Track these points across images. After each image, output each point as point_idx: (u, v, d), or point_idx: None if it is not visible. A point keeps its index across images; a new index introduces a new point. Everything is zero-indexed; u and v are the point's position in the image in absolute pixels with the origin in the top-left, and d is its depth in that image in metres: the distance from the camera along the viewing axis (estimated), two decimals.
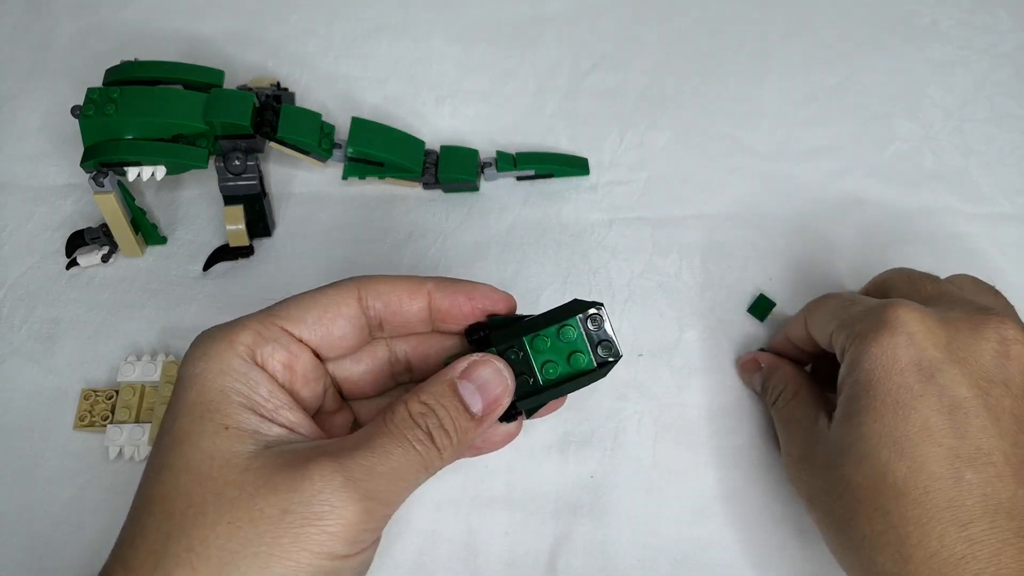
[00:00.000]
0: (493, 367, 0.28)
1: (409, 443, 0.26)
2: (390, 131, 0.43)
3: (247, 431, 0.26)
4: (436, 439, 0.26)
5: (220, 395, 0.26)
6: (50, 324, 0.41)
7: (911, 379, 0.29)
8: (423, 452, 0.26)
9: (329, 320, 0.29)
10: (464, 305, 0.30)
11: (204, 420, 0.26)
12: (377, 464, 0.25)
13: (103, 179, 0.38)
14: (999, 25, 0.50)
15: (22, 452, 0.38)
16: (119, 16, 0.50)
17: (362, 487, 0.25)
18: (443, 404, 0.27)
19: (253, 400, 0.27)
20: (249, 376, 0.27)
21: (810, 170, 0.45)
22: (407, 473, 0.26)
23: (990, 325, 0.30)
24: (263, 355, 0.28)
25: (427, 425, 0.26)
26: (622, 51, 0.49)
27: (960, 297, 0.33)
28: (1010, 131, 0.46)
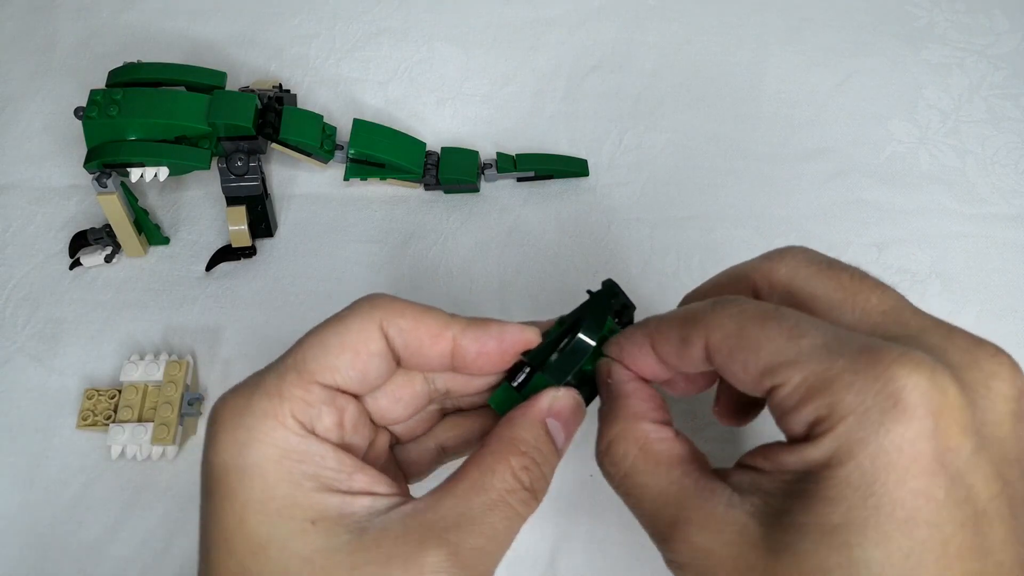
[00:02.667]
0: (575, 401, 0.27)
1: (513, 509, 0.24)
2: (391, 133, 0.43)
3: (334, 518, 0.23)
4: (539, 491, 0.25)
5: (291, 485, 0.23)
6: (53, 324, 0.41)
7: (933, 484, 0.20)
8: (525, 513, 0.25)
9: (363, 363, 0.26)
10: (493, 350, 0.27)
11: (284, 518, 0.23)
12: (487, 544, 0.24)
13: (106, 180, 0.38)
14: (995, 27, 0.50)
15: (25, 451, 0.38)
16: (122, 18, 0.50)
17: (475, 572, 0.24)
18: (541, 450, 0.26)
19: (325, 478, 0.24)
20: (311, 453, 0.24)
21: (807, 171, 0.45)
22: (511, 538, 0.25)
23: (999, 373, 0.22)
24: (312, 421, 0.24)
25: (531, 481, 0.25)
26: (621, 53, 0.49)
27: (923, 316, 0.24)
28: (1006, 132, 0.47)
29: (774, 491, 0.22)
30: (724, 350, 0.24)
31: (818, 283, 0.25)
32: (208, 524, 0.24)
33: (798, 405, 0.22)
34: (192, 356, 0.40)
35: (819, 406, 0.21)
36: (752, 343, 0.23)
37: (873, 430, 0.20)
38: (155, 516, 0.37)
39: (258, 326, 0.41)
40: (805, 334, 0.22)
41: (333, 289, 0.42)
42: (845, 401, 0.21)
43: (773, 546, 0.21)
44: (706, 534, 0.23)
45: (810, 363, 0.21)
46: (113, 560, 0.36)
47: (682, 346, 0.25)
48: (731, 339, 0.23)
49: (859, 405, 0.21)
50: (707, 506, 0.23)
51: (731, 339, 0.23)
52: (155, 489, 0.37)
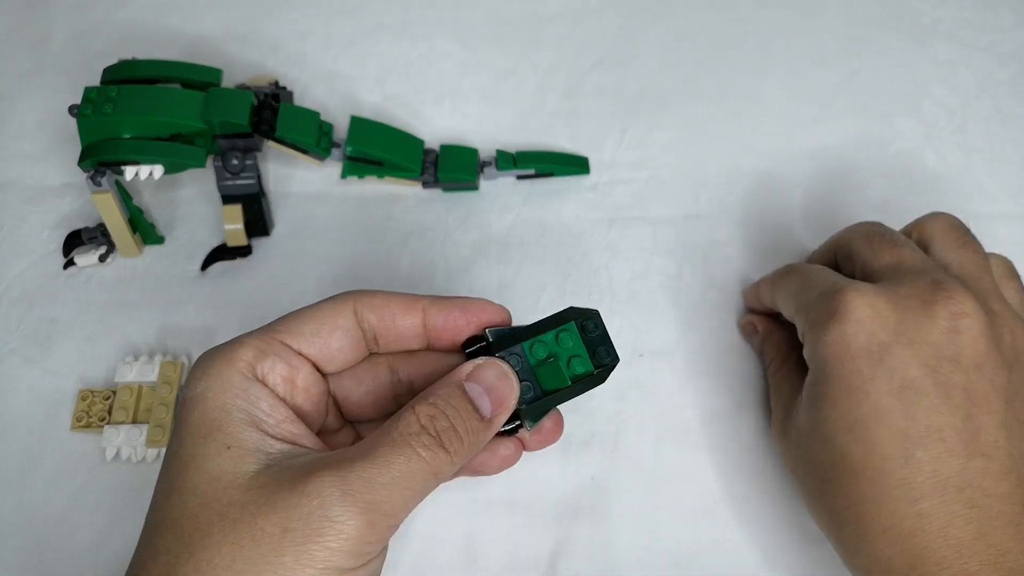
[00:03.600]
0: (499, 368, 0.28)
1: (413, 450, 0.26)
2: (389, 130, 0.43)
3: (249, 449, 0.26)
4: (446, 441, 0.26)
5: (222, 413, 0.26)
6: (47, 324, 0.41)
7: (862, 364, 0.30)
8: (429, 458, 0.26)
9: (327, 332, 0.29)
10: (459, 320, 0.30)
11: (207, 441, 0.26)
12: (378, 475, 0.25)
13: (101, 178, 0.38)
14: (1002, 23, 0.50)
15: (19, 453, 0.38)
16: (117, 15, 0.50)
17: (362, 499, 0.24)
18: (453, 405, 0.27)
19: (254, 416, 0.27)
20: (249, 392, 0.27)
21: (812, 169, 0.45)
22: (412, 481, 0.26)
23: (939, 301, 0.30)
24: (263, 370, 0.28)
25: (436, 428, 0.26)
26: (623, 50, 0.49)
27: (918, 265, 0.32)
28: (1013, 130, 0.46)
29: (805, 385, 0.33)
30: (779, 301, 0.36)
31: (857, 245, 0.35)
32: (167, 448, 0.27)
33: (799, 326, 0.33)
34: (187, 357, 0.40)
35: (803, 322, 0.33)
36: (782, 291, 0.35)
37: (822, 332, 0.31)
38: None
39: (254, 326, 0.40)
40: (811, 285, 0.33)
41: (330, 289, 0.41)
42: (810, 317, 0.32)
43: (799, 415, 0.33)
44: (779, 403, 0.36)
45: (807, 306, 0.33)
46: (108, 562, 0.36)
47: (764, 296, 0.38)
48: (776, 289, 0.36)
49: (819, 319, 0.31)
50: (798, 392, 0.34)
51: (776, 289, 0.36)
52: (150, 491, 0.36)
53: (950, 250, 0.34)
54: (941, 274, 0.31)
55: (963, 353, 0.29)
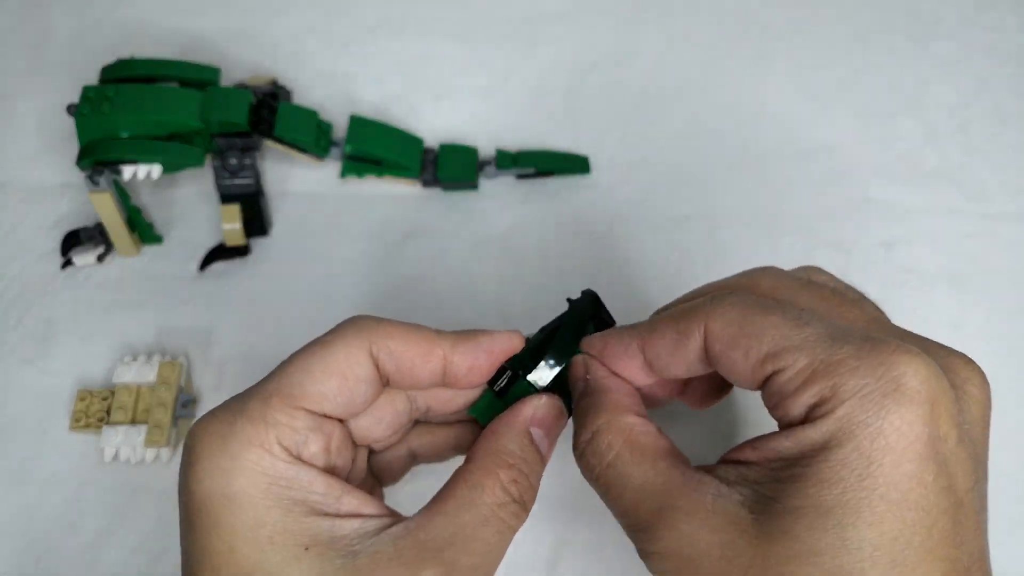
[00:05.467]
0: (557, 408, 0.27)
1: (505, 523, 0.25)
2: (388, 129, 0.43)
3: (326, 542, 0.23)
4: (528, 501, 0.26)
5: (282, 512, 0.23)
6: (45, 324, 0.40)
7: (925, 469, 0.21)
8: (517, 524, 0.25)
9: (350, 390, 0.26)
10: (483, 363, 0.27)
11: (276, 545, 0.23)
12: (481, 561, 0.24)
13: (99, 178, 0.38)
14: (1003, 23, 0.50)
15: (17, 453, 0.38)
16: (115, 14, 0.50)
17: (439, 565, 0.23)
18: (527, 460, 0.26)
19: (314, 504, 0.24)
20: (300, 479, 0.24)
21: (813, 169, 0.45)
22: (504, 550, 0.25)
23: (975, 380, 0.24)
24: (300, 449, 0.24)
25: (520, 493, 0.25)
26: (623, 49, 0.49)
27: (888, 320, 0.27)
28: (1014, 129, 0.46)
29: (763, 480, 0.23)
30: (725, 338, 0.24)
31: (802, 296, 0.27)
32: (194, 553, 0.24)
33: (800, 388, 0.22)
34: (186, 357, 0.39)
35: (822, 388, 0.22)
36: (756, 330, 0.23)
37: (875, 412, 0.21)
38: (149, 519, 0.36)
39: (253, 326, 0.40)
40: (809, 323, 0.23)
41: (329, 289, 0.41)
42: (848, 384, 0.21)
43: (764, 531, 0.22)
44: (694, 522, 0.23)
45: (815, 348, 0.22)
46: (107, 563, 0.35)
47: (678, 340, 0.25)
48: (733, 326, 0.24)
49: (862, 388, 0.21)
50: (695, 495, 0.23)
51: (733, 326, 0.24)
52: (149, 492, 0.37)
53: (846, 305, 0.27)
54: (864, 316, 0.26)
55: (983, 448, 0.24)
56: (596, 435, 0.26)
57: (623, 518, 0.25)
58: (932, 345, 0.25)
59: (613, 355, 0.27)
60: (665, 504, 0.23)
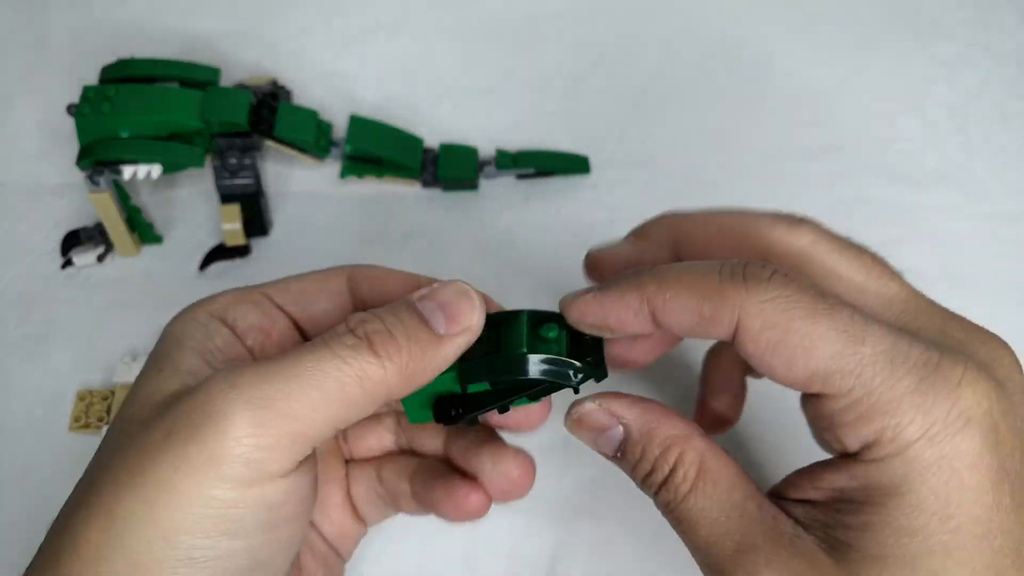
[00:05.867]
0: (457, 287, 0.24)
1: (330, 348, 0.22)
2: (388, 129, 0.43)
3: (179, 371, 0.23)
4: (377, 344, 0.22)
5: (173, 343, 0.24)
6: (45, 324, 0.40)
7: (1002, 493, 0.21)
8: (350, 357, 0.22)
9: (313, 292, 0.27)
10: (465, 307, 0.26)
11: (150, 367, 0.24)
12: (280, 370, 0.21)
13: (99, 178, 0.38)
14: (1004, 23, 0.50)
15: (17, 454, 0.38)
16: (115, 14, 0.50)
17: (250, 392, 0.21)
18: (393, 313, 0.23)
19: (204, 347, 0.24)
20: (209, 327, 0.25)
21: (813, 169, 0.45)
22: (324, 382, 0.21)
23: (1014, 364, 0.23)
24: (234, 314, 0.26)
25: (365, 331, 0.22)
26: (623, 49, 0.49)
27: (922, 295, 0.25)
28: (1015, 129, 0.46)
29: (833, 523, 0.21)
30: (764, 342, 0.21)
31: (840, 261, 0.24)
32: None
33: (857, 422, 0.21)
34: None
35: (884, 427, 0.20)
36: (803, 340, 0.21)
37: (946, 452, 0.20)
38: None
39: None
40: (866, 339, 0.21)
41: None
42: (915, 423, 0.20)
43: None
44: (776, 565, 0.21)
45: (874, 377, 0.20)
46: None
47: (701, 322, 0.22)
48: (775, 331, 0.21)
49: (930, 428, 0.20)
50: (772, 535, 0.22)
51: (775, 331, 0.21)
52: None
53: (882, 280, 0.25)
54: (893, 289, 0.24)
55: None
56: (674, 470, 0.23)
57: (697, 554, 0.23)
58: (971, 328, 0.24)
59: (617, 318, 0.24)
60: (743, 543, 0.22)
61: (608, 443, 0.25)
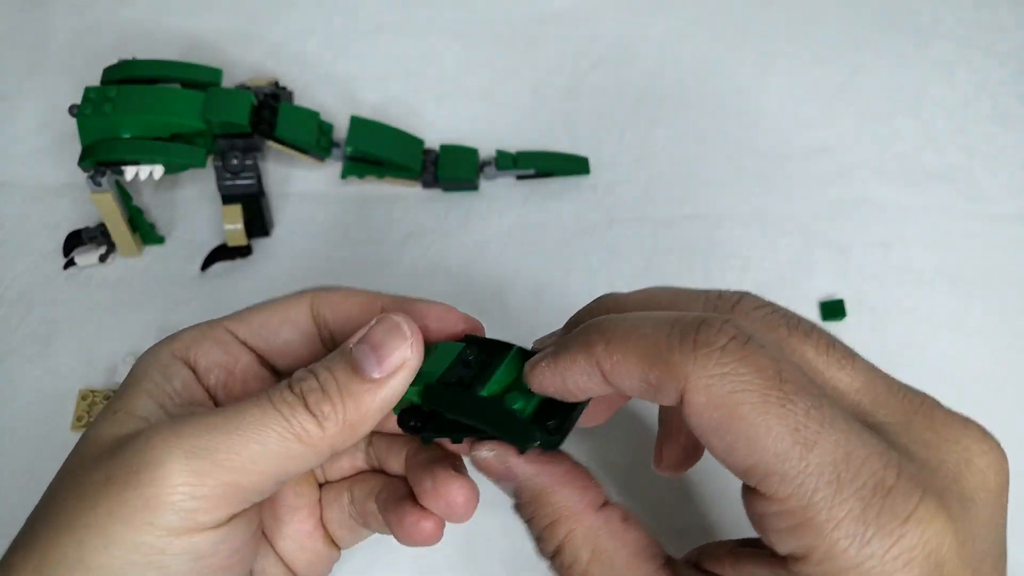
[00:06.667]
0: (387, 323, 0.24)
1: (271, 404, 0.22)
2: (389, 130, 0.43)
3: (132, 416, 0.23)
4: (311, 402, 0.22)
5: (131, 384, 0.25)
6: (47, 324, 0.41)
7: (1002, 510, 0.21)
8: (288, 414, 0.22)
9: (276, 324, 0.27)
10: None
11: (106, 410, 0.24)
12: (219, 422, 0.22)
13: (100, 178, 0.38)
14: (1001, 23, 0.50)
15: (20, 453, 0.38)
16: (117, 15, 0.50)
17: (190, 442, 0.21)
18: (326, 366, 0.23)
19: (161, 390, 0.25)
20: (169, 369, 0.25)
21: (812, 169, 0.45)
22: (265, 438, 0.22)
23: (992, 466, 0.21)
24: (196, 353, 0.26)
25: (301, 388, 0.23)
26: (623, 50, 0.49)
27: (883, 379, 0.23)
28: (1013, 130, 0.46)
29: None
30: (707, 420, 0.19)
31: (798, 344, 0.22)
32: None
33: (788, 532, 0.19)
34: None
35: (816, 546, 0.19)
36: (748, 430, 0.19)
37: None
38: None
39: None
40: (816, 444, 0.19)
41: None
42: (849, 553, 0.18)
43: None
44: None
45: (816, 492, 0.19)
46: None
47: (648, 388, 0.21)
48: (720, 411, 0.19)
49: (864, 561, 0.18)
50: None
51: (720, 411, 0.19)
52: None
53: None
54: None
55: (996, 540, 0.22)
56: (559, 550, 0.22)
57: None
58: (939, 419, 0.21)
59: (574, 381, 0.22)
60: None
61: (506, 491, 0.25)
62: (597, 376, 0.22)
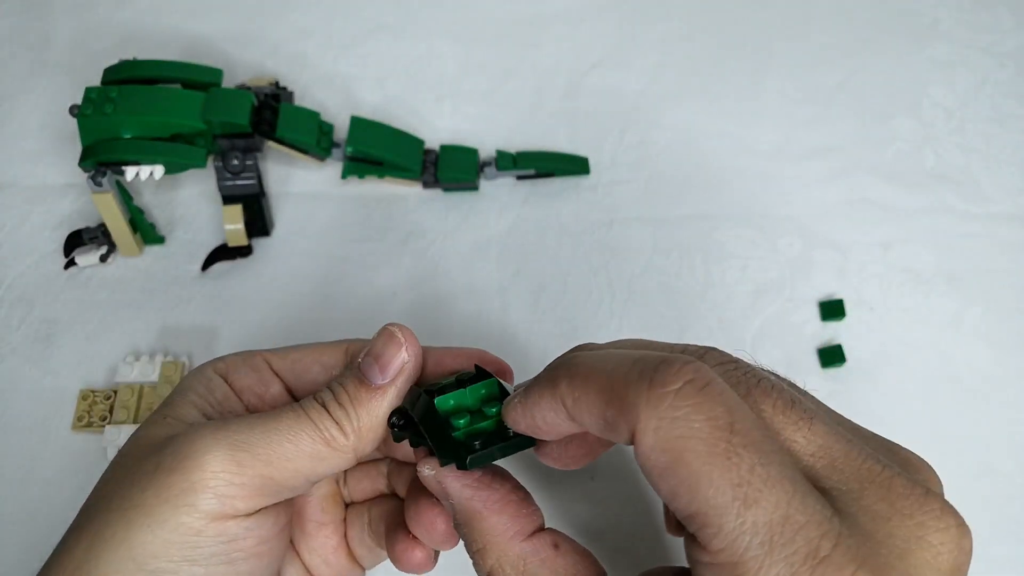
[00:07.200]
0: (385, 334, 0.27)
1: (303, 410, 0.26)
2: (389, 130, 0.43)
3: (180, 421, 0.26)
4: (332, 410, 0.26)
5: (178, 394, 0.28)
6: (48, 324, 0.41)
7: None
8: (317, 419, 0.26)
9: (308, 363, 0.29)
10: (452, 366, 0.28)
11: (155, 412, 0.27)
12: (259, 423, 0.25)
13: (101, 178, 0.38)
14: (1000, 24, 0.50)
15: (20, 453, 0.38)
16: (117, 15, 0.50)
17: (233, 437, 0.25)
18: (339, 380, 0.27)
19: (204, 400, 0.28)
20: (211, 382, 0.28)
21: (811, 170, 0.45)
22: (298, 438, 0.25)
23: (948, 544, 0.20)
24: (235, 375, 0.29)
25: (323, 399, 0.26)
26: (622, 50, 0.49)
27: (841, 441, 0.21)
28: (1011, 130, 0.46)
29: None
30: (653, 462, 0.19)
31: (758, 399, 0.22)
32: None
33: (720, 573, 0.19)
34: (188, 357, 0.40)
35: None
36: (690, 479, 0.19)
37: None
38: None
39: (254, 326, 0.41)
40: (757, 503, 0.19)
41: (330, 289, 0.42)
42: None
43: None
44: None
45: (746, 551, 0.18)
46: None
47: (605, 427, 0.21)
48: (666, 455, 0.19)
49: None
50: None
51: (666, 455, 0.19)
52: None
53: None
54: None
55: None
56: (491, 574, 0.23)
57: None
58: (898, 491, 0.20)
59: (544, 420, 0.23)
60: None
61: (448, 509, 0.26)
62: (562, 412, 0.22)
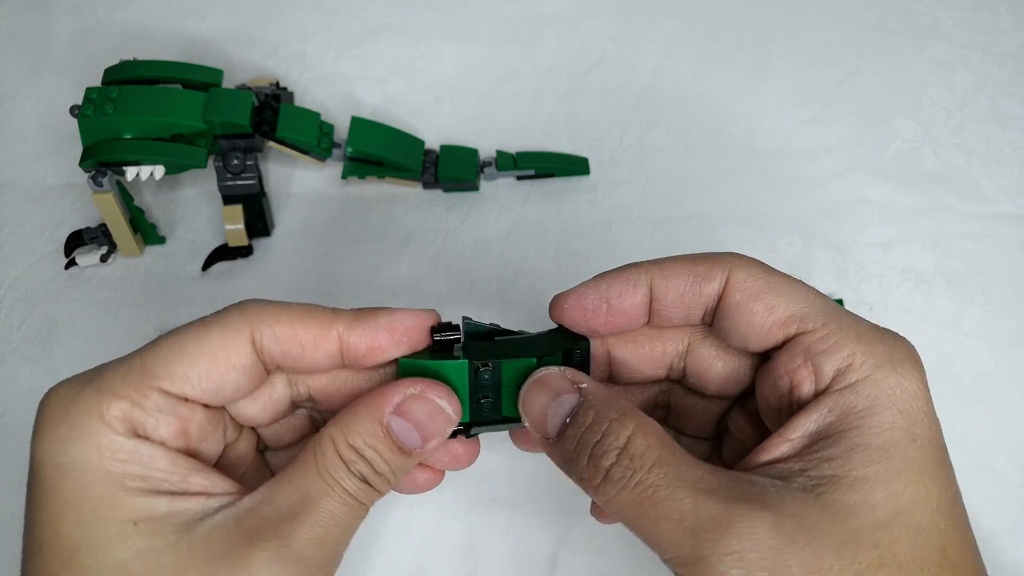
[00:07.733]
0: (432, 406, 0.25)
1: (350, 495, 0.24)
2: (389, 130, 0.43)
3: (159, 518, 0.22)
4: (372, 483, 0.24)
5: (111, 486, 0.22)
6: (49, 324, 0.41)
7: (933, 422, 0.24)
8: (363, 499, 0.24)
9: (219, 374, 0.24)
10: (384, 342, 0.25)
11: (102, 520, 0.22)
12: (325, 535, 0.23)
13: (102, 179, 0.38)
14: (1000, 24, 0.50)
15: (20, 453, 0.38)
16: (118, 16, 0.50)
17: (313, 565, 0.22)
18: (374, 448, 0.24)
19: (154, 480, 0.22)
20: (139, 453, 0.22)
21: (811, 170, 0.45)
22: (352, 525, 0.24)
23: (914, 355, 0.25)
24: (147, 428, 0.23)
25: (361, 473, 0.24)
26: (623, 50, 0.49)
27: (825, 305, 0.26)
28: (1011, 131, 0.46)
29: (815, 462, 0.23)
30: (750, 289, 0.25)
31: None
32: (26, 526, 0.23)
33: (832, 349, 0.24)
34: None
35: (855, 352, 0.23)
36: (783, 289, 0.25)
37: (903, 380, 0.23)
38: None
39: None
40: (822, 296, 0.25)
41: (331, 289, 0.42)
42: (877, 352, 0.23)
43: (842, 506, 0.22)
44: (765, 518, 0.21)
45: (842, 318, 0.24)
46: None
47: (695, 281, 0.25)
48: (760, 280, 0.25)
49: (890, 357, 0.23)
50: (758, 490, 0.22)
51: (760, 280, 0.25)
52: None
53: None
54: None
55: None
56: (630, 440, 0.23)
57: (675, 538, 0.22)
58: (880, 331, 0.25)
59: (618, 292, 0.26)
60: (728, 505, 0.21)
61: (559, 409, 0.25)
62: (643, 285, 0.26)
